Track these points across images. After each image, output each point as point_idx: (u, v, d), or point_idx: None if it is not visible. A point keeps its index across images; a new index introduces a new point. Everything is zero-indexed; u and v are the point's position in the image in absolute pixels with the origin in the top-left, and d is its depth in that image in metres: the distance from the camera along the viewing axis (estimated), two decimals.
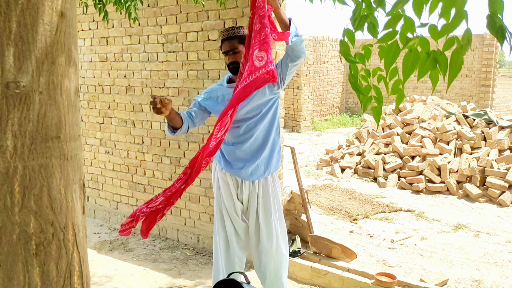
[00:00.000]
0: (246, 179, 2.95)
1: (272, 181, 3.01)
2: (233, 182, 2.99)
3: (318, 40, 13.97)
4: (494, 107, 13.88)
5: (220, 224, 3.09)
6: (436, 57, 1.21)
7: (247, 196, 3.00)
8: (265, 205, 2.99)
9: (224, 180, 3.00)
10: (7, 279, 0.95)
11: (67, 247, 1.03)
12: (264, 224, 2.98)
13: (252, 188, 2.97)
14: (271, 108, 2.91)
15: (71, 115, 1.03)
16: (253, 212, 3.00)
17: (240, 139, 2.91)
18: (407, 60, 1.25)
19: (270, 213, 2.98)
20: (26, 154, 0.96)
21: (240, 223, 3.06)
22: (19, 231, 0.96)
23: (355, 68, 1.43)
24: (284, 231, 3.10)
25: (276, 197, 3.03)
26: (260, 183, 2.98)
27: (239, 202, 3.02)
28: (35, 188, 0.97)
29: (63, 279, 1.02)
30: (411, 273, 3.99)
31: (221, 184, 3.03)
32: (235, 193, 3.00)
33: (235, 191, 3.00)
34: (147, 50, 4.53)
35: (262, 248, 3.02)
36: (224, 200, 3.03)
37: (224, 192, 3.02)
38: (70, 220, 1.03)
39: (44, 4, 0.94)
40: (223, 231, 3.09)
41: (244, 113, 2.84)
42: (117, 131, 4.96)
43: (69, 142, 1.03)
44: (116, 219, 5.14)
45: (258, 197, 2.98)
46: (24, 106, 0.95)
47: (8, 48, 0.91)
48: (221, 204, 3.06)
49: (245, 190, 2.98)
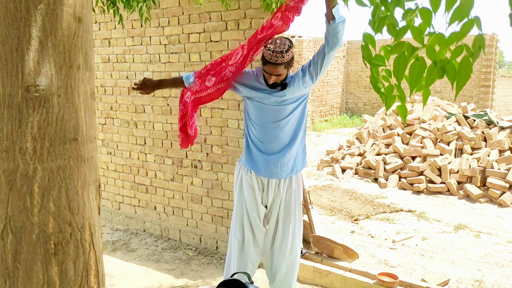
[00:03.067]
0: (274, 177, 2.93)
1: (296, 181, 3.03)
2: (259, 185, 2.97)
3: (318, 40, 13.99)
4: (494, 107, 13.91)
5: (239, 228, 3.05)
6: (444, 66, 1.21)
7: (272, 199, 2.99)
8: (286, 208, 2.99)
9: (249, 183, 2.98)
10: (26, 277, 0.98)
11: (84, 247, 1.05)
12: (282, 226, 2.99)
13: (277, 190, 2.97)
14: (300, 104, 2.93)
15: (87, 117, 1.06)
16: (274, 215, 3.00)
17: (270, 132, 2.90)
18: (413, 69, 1.26)
19: (290, 215, 2.99)
20: (45, 156, 0.98)
21: (261, 228, 3.04)
22: (38, 231, 0.99)
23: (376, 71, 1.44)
24: (301, 232, 3.10)
25: (298, 198, 3.04)
26: (285, 183, 2.98)
27: (263, 206, 3.01)
28: (54, 189, 1.00)
29: (81, 278, 1.04)
30: (412, 273, 4.01)
31: (245, 187, 2.99)
32: (259, 197, 2.98)
33: (260, 194, 2.98)
34: (150, 51, 4.56)
35: (275, 249, 3.03)
36: (247, 204, 3.00)
37: (248, 195, 2.99)
38: (87, 220, 1.06)
39: (63, 10, 0.97)
40: (240, 235, 3.05)
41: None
42: (119, 132, 4.98)
43: (86, 144, 1.05)
44: (118, 219, 5.16)
45: (281, 199, 2.99)
46: (43, 109, 0.97)
47: (28, 53, 0.94)
48: (242, 207, 3.03)
49: (271, 192, 2.97)
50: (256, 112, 2.89)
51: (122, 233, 4.95)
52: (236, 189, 3.07)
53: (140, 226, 4.96)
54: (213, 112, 4.16)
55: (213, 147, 4.22)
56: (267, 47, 2.70)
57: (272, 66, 2.70)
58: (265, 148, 2.92)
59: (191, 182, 4.43)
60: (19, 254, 0.99)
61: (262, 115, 2.87)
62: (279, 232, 2.99)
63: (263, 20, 3.70)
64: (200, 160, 4.33)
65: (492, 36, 12.83)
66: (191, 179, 4.43)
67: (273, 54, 2.67)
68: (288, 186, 2.99)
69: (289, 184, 2.99)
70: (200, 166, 4.33)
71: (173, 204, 4.63)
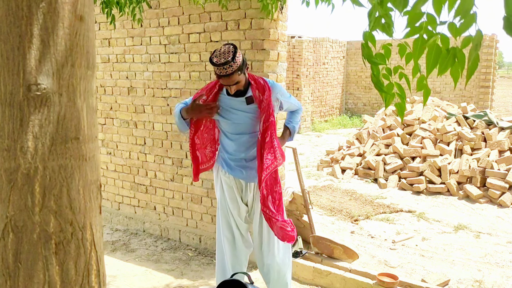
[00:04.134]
0: (251, 181, 2.98)
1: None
2: (237, 185, 3.01)
3: (318, 41, 13.99)
4: (493, 108, 13.92)
5: (226, 226, 3.09)
6: (455, 53, 1.27)
7: (252, 198, 3.02)
8: None
9: (228, 184, 3.02)
10: (27, 277, 0.97)
11: (85, 246, 1.05)
12: (266, 225, 3.00)
13: (256, 189, 2.99)
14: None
15: (89, 116, 1.06)
16: (256, 214, 3.02)
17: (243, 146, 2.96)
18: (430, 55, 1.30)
19: None
20: (46, 155, 0.98)
21: (244, 225, 3.09)
22: (40, 230, 0.98)
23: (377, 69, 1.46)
24: None
25: None
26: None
27: (243, 204, 3.04)
28: (55, 189, 0.99)
29: (82, 277, 1.04)
30: (412, 273, 4.01)
31: (225, 188, 3.04)
32: (239, 196, 3.02)
33: (240, 194, 3.02)
34: (149, 51, 4.55)
35: (264, 249, 3.03)
36: (228, 203, 3.05)
37: (228, 195, 3.04)
38: (88, 219, 1.05)
39: (65, 8, 0.96)
40: (228, 233, 3.10)
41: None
42: (119, 132, 4.97)
43: (87, 143, 1.05)
44: (118, 219, 5.16)
45: None
46: (45, 108, 0.97)
47: (29, 51, 0.93)
48: (225, 207, 3.08)
49: (249, 192, 3.01)
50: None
51: (122, 233, 4.94)
52: (218, 190, 3.11)
53: (139, 226, 4.95)
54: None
55: None
56: (212, 61, 2.65)
57: (226, 78, 2.67)
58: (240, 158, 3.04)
59: (191, 182, 4.43)
60: (20, 253, 0.99)
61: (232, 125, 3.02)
62: (265, 230, 3.01)
63: (263, 20, 3.70)
64: None
65: (492, 37, 12.85)
66: (191, 179, 4.42)
67: (220, 68, 2.63)
68: None
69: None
70: None
71: (172, 204, 4.62)
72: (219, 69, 2.63)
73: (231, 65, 2.62)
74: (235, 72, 2.66)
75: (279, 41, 3.86)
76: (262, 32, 3.75)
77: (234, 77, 2.67)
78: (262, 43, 3.76)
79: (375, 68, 1.44)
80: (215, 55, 2.67)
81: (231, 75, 2.65)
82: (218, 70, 2.64)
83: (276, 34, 3.81)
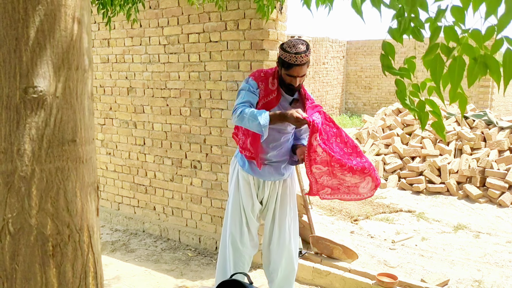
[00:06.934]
0: (269, 179, 2.98)
1: (291, 180, 3.07)
2: (254, 182, 2.99)
3: (318, 41, 13.99)
4: (493, 107, 13.91)
5: (235, 223, 3.04)
6: (485, 61, 1.16)
7: (267, 196, 3.02)
8: (282, 204, 3.02)
9: (245, 179, 2.99)
10: (24, 279, 0.97)
11: (83, 249, 1.05)
12: (278, 223, 3.00)
13: (272, 187, 3.00)
14: None
15: (86, 119, 1.06)
16: (270, 211, 3.02)
17: (275, 145, 2.95)
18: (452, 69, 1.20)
19: (285, 213, 3.01)
20: (43, 158, 0.98)
21: (255, 223, 3.06)
22: (36, 233, 0.98)
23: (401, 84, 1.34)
24: (297, 231, 3.12)
25: (292, 196, 3.08)
26: (280, 182, 3.02)
27: (258, 202, 3.02)
28: (52, 191, 0.99)
29: (79, 280, 1.04)
30: (412, 273, 4.01)
31: (241, 183, 3.00)
32: (255, 193, 3.00)
33: (256, 191, 3.00)
34: (149, 51, 4.55)
35: (273, 247, 3.03)
36: (242, 198, 3.01)
37: (244, 191, 2.99)
38: (85, 222, 1.05)
39: (61, 11, 0.96)
40: (236, 230, 3.05)
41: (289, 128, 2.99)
42: (118, 132, 4.97)
43: (84, 146, 1.05)
44: (118, 220, 5.16)
45: (277, 196, 3.01)
46: (42, 110, 0.97)
47: (26, 54, 0.93)
48: (238, 202, 3.03)
49: (266, 189, 3.00)
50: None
51: (122, 233, 4.94)
52: (232, 184, 3.07)
53: (139, 226, 4.95)
54: (212, 112, 4.16)
55: (212, 147, 4.22)
56: (287, 50, 2.64)
57: (298, 67, 2.67)
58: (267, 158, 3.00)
59: (191, 182, 4.43)
60: (17, 256, 0.99)
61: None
62: (276, 228, 3.00)
63: (262, 20, 3.70)
64: (200, 161, 4.32)
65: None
66: (191, 180, 4.42)
67: (297, 56, 2.63)
68: (283, 185, 3.04)
69: (284, 182, 3.05)
70: (200, 167, 4.33)
71: (172, 204, 4.62)
72: (297, 56, 2.63)
73: (307, 54, 2.66)
74: (307, 63, 2.69)
75: (279, 41, 3.86)
76: (261, 32, 3.75)
77: (305, 68, 2.71)
78: (261, 43, 3.76)
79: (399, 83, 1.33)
80: (291, 45, 2.66)
81: (303, 65, 2.68)
82: (294, 58, 2.64)
83: (276, 34, 3.82)
